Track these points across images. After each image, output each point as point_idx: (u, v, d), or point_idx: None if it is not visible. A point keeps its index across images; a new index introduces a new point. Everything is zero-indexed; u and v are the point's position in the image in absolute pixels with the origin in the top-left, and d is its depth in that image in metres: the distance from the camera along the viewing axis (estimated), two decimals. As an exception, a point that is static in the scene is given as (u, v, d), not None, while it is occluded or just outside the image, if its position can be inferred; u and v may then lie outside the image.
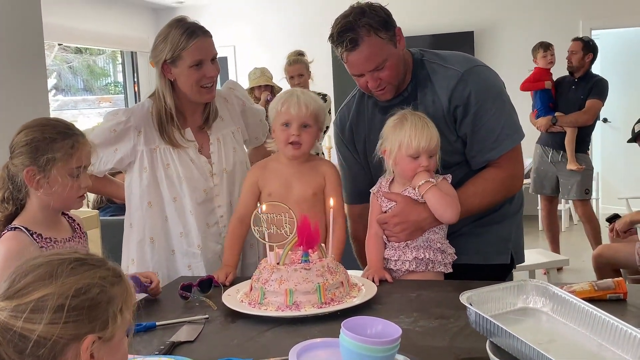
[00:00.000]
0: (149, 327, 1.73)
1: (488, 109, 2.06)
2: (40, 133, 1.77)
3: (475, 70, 2.09)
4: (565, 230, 6.83)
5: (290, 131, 2.14)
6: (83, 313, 1.01)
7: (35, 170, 1.76)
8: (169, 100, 2.25)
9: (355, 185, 2.33)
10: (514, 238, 2.25)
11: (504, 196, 2.17)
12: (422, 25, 7.49)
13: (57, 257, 1.05)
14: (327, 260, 1.83)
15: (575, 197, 5.20)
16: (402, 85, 2.13)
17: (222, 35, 8.32)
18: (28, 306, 0.98)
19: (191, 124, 2.34)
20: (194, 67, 2.19)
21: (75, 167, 1.80)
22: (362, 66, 2.05)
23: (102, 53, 8.35)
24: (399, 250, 2.05)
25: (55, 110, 7.28)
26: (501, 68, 6.72)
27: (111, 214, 4.20)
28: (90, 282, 1.03)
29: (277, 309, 1.75)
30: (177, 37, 2.18)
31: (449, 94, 2.06)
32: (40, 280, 1.01)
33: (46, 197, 1.79)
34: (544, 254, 4.67)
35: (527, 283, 1.53)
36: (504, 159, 2.09)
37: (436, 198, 1.98)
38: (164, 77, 2.25)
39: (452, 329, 1.60)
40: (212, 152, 2.34)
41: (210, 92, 2.27)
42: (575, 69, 5.13)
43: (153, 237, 2.31)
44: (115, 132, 2.27)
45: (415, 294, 1.87)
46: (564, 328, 1.43)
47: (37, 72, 3.49)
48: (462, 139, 2.10)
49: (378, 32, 2.01)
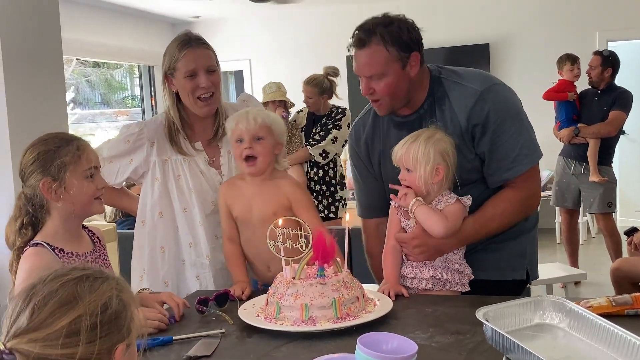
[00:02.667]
0: (165, 342, 1.74)
1: (507, 129, 2.06)
2: (44, 146, 1.82)
3: (494, 89, 2.09)
4: (583, 243, 6.77)
5: (243, 145, 2.17)
6: (112, 325, 1.04)
7: (50, 181, 1.78)
8: (172, 112, 2.32)
9: (370, 199, 2.33)
10: (529, 254, 2.24)
11: (522, 216, 2.16)
12: (438, 37, 7.49)
13: (67, 277, 1.07)
14: (343, 275, 1.83)
15: (598, 210, 5.13)
16: (418, 101, 2.13)
17: (238, 49, 8.42)
18: (61, 332, 1.00)
19: (202, 138, 2.37)
20: (188, 77, 2.24)
21: (87, 168, 1.83)
22: (362, 69, 2.07)
23: (120, 67, 8.43)
24: (416, 269, 2.05)
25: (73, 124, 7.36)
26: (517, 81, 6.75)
27: (128, 227, 4.23)
28: (109, 294, 1.06)
29: (292, 324, 1.75)
30: (173, 48, 2.26)
31: (467, 112, 2.06)
32: (65, 305, 1.02)
33: (67, 206, 1.81)
34: (562, 267, 4.63)
35: (544, 299, 1.52)
36: (521, 179, 2.08)
37: (424, 215, 1.99)
38: (168, 88, 2.31)
39: (468, 345, 1.59)
40: (223, 164, 2.38)
41: (207, 105, 2.29)
42: (595, 83, 5.11)
43: (164, 246, 2.34)
44: (129, 142, 2.33)
45: (431, 309, 1.87)
46: (581, 344, 1.42)
47: (56, 86, 3.54)
48: (479, 157, 2.10)
49: (388, 46, 2.02)
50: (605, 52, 5.18)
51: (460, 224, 2.02)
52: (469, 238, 2.06)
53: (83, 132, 7.77)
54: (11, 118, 3.22)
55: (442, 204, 2.02)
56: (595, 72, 5.08)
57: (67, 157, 1.79)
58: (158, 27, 8.16)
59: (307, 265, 1.85)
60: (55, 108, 3.51)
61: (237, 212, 2.24)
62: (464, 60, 7.16)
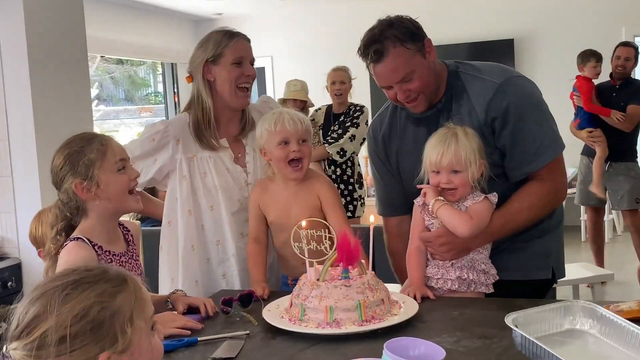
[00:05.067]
0: (190, 343, 1.74)
1: (528, 120, 2.03)
2: (68, 148, 1.82)
3: (513, 81, 2.06)
4: (609, 241, 6.68)
5: (290, 148, 2.15)
6: (87, 337, 1.00)
7: (81, 180, 1.79)
8: (208, 101, 2.30)
9: (389, 197, 2.31)
10: (555, 253, 2.20)
11: (549, 209, 2.13)
12: (462, 33, 7.44)
13: (51, 285, 1.04)
14: (368, 277, 1.81)
15: (627, 206, 5.05)
16: (436, 97, 2.11)
17: (259, 46, 8.38)
18: (34, 344, 0.99)
19: (227, 134, 2.37)
20: (235, 64, 2.27)
21: (114, 161, 1.83)
22: (389, 77, 2.04)
23: (143, 64, 8.47)
24: (442, 269, 2.02)
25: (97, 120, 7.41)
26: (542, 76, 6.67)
27: (152, 225, 4.25)
28: (86, 304, 1.02)
29: (317, 326, 1.74)
30: (219, 37, 2.28)
31: (485, 105, 2.03)
32: (39, 316, 1.01)
33: (103, 203, 1.82)
34: (588, 267, 4.57)
35: (574, 304, 1.49)
36: (546, 171, 2.05)
37: (447, 215, 1.96)
38: (204, 78, 2.29)
39: (495, 350, 1.56)
40: (248, 161, 2.37)
41: (245, 96, 2.31)
42: (622, 75, 5.00)
43: (193, 245, 2.34)
44: (154, 141, 2.31)
45: (457, 312, 1.84)
46: (612, 351, 1.39)
47: (81, 83, 3.56)
48: (500, 150, 2.06)
49: (404, 43, 2.01)
50: (635, 44, 5.08)
51: (486, 223, 1.98)
52: (495, 234, 2.02)
53: (107, 128, 7.83)
54: (37, 115, 3.25)
55: (469, 202, 1.98)
56: (630, 63, 4.97)
57: (92, 155, 1.80)
58: (181, 24, 8.20)
59: (331, 267, 1.83)
60: (80, 105, 3.54)
61: (273, 217, 2.23)
62: (488, 56, 7.07)
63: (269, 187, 2.26)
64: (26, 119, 3.25)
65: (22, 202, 3.30)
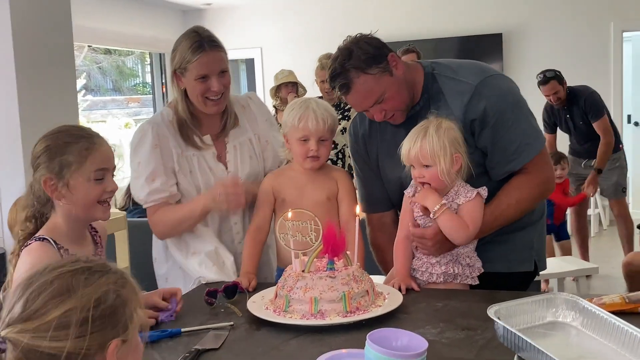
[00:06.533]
0: (174, 334, 1.73)
1: (506, 120, 2.03)
2: (54, 140, 1.74)
3: (489, 82, 2.05)
4: (594, 235, 6.73)
5: (308, 146, 2.15)
6: (106, 321, 1.02)
7: (52, 178, 1.71)
8: (181, 107, 2.26)
9: (372, 194, 2.32)
10: (537, 245, 2.22)
11: (538, 202, 2.15)
12: (450, 27, 7.43)
13: (65, 269, 1.05)
14: (353, 269, 1.81)
15: (613, 196, 5.21)
16: (414, 101, 2.12)
17: (249, 36, 8.39)
18: (51, 325, 0.98)
19: (210, 131, 2.33)
20: (199, 79, 2.19)
21: (94, 170, 1.73)
22: (362, 105, 2.08)
23: (131, 54, 8.42)
24: (428, 263, 2.02)
25: (84, 110, 7.36)
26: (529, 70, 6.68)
27: (139, 216, 4.23)
28: (106, 289, 1.04)
29: (302, 317, 1.74)
30: (185, 49, 2.19)
31: (463, 108, 2.03)
32: (58, 297, 1.00)
33: (67, 206, 1.74)
34: (573, 261, 4.60)
35: (557, 296, 1.50)
36: (532, 165, 2.06)
37: (446, 222, 1.94)
38: (177, 85, 2.26)
39: (478, 342, 1.57)
40: (229, 160, 2.34)
41: (216, 105, 2.25)
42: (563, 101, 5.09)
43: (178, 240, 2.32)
44: (158, 146, 2.25)
45: (441, 304, 1.85)
46: (594, 343, 1.40)
47: (67, 73, 3.53)
48: (481, 150, 2.07)
49: (367, 70, 2.01)
50: (550, 74, 5.05)
51: (480, 225, 1.97)
52: (486, 232, 2.03)
53: (94, 118, 7.78)
54: (22, 105, 3.22)
55: (462, 198, 1.96)
56: (561, 93, 5.04)
57: (71, 157, 1.71)
58: (169, 14, 8.14)
59: (317, 259, 1.84)
60: (66, 95, 3.51)
61: (287, 195, 2.22)
62: (476, 51, 7.11)
63: (286, 172, 2.28)
64: (11, 110, 3.21)
65: (6, 193, 3.27)
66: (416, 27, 7.42)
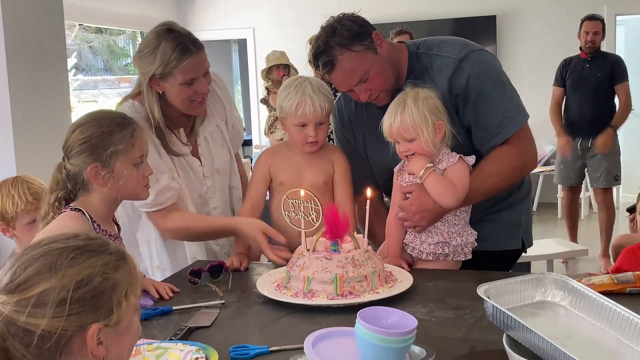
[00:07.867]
0: (165, 312, 1.74)
1: (488, 94, 2.03)
2: (97, 128, 1.75)
3: (471, 56, 2.05)
4: (584, 218, 6.77)
5: (307, 132, 2.14)
6: (86, 304, 1.00)
7: (99, 167, 1.74)
8: (157, 114, 2.11)
9: (357, 176, 2.29)
10: (524, 223, 2.25)
11: (519, 175, 2.14)
12: (444, 9, 7.41)
13: (56, 246, 1.03)
14: (355, 253, 1.77)
15: (605, 185, 5.13)
16: (399, 82, 2.10)
17: (242, 17, 8.32)
18: (30, 301, 0.97)
19: (182, 126, 2.24)
20: (186, 84, 2.06)
21: (138, 155, 1.78)
22: (346, 83, 2.06)
23: (122, 33, 8.35)
24: (418, 241, 2.03)
25: (75, 90, 7.31)
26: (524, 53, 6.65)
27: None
28: (91, 271, 1.01)
29: (294, 295, 1.75)
30: (168, 52, 2.01)
31: (447, 84, 2.03)
32: (41, 274, 0.99)
33: (111, 192, 1.78)
34: (563, 243, 4.64)
35: (546, 276, 1.51)
36: (514, 137, 2.05)
37: (433, 183, 1.94)
38: (152, 89, 2.10)
39: (468, 320, 1.59)
40: (202, 154, 2.27)
41: (201, 105, 2.15)
42: (593, 49, 5.03)
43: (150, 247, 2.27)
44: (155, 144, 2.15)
45: (432, 284, 1.86)
46: (582, 323, 1.41)
47: (57, 52, 3.49)
48: (466, 128, 2.07)
49: (351, 47, 2.00)
50: (600, 16, 5.08)
51: (467, 188, 1.97)
52: (471, 198, 2.02)
53: (85, 98, 7.74)
54: (12, 85, 3.18)
55: (444, 163, 1.97)
56: (599, 37, 5.01)
57: (120, 146, 1.73)
58: (161, -7, 8.07)
59: (325, 239, 1.81)
60: (56, 74, 3.47)
61: (285, 177, 2.21)
62: (469, 33, 7.06)
63: (282, 151, 2.27)
64: (1, 89, 3.17)
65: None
66: (410, 8, 7.40)
